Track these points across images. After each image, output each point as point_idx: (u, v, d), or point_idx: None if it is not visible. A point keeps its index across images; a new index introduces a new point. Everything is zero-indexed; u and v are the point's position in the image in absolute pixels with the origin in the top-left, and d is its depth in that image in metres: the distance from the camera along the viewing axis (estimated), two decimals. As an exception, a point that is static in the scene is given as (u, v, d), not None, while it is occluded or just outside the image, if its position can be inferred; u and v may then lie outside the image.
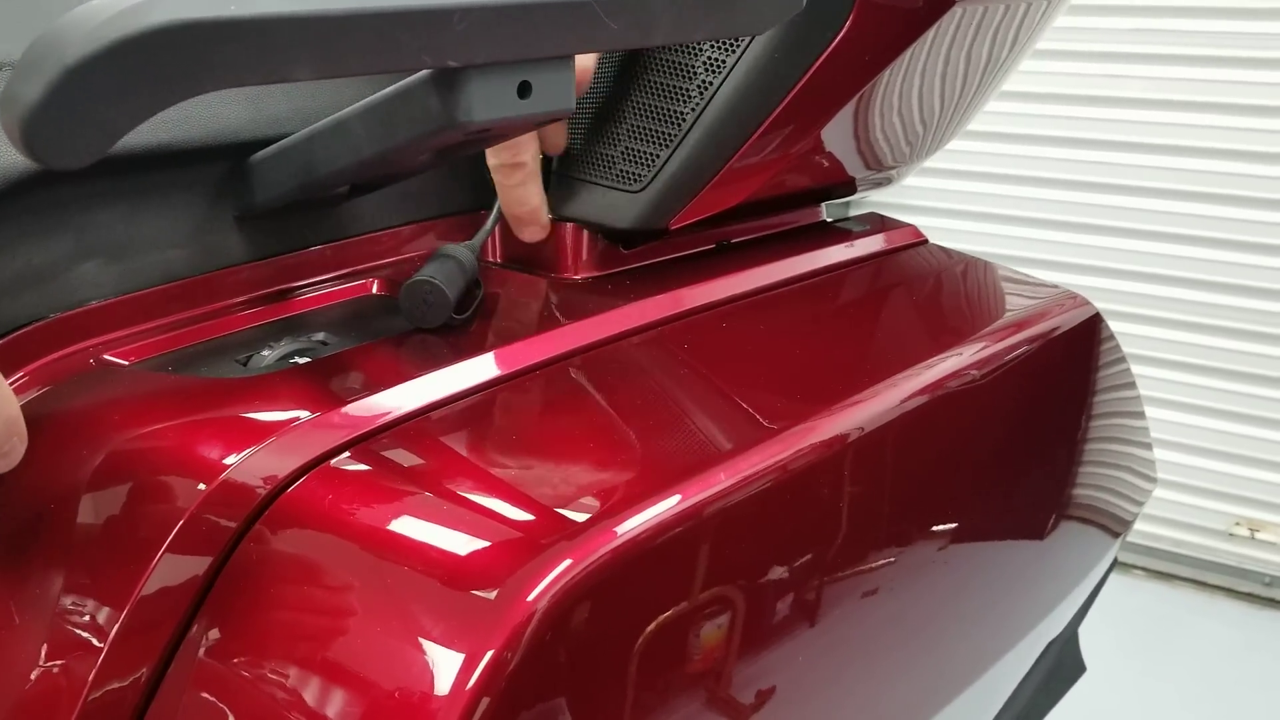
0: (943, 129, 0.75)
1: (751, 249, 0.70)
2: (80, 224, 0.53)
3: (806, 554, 0.49)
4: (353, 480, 0.43)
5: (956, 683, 0.61)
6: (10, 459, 0.44)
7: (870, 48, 0.59)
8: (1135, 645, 2.01)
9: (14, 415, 0.44)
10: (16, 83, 0.33)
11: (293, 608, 0.41)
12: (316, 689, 0.39)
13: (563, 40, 0.43)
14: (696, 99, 0.59)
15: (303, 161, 0.54)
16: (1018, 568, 0.66)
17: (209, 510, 0.42)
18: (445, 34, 0.40)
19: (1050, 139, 2.24)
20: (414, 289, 0.54)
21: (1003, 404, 0.63)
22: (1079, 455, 0.71)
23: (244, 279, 0.58)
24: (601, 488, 0.44)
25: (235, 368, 0.53)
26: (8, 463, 0.44)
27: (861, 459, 0.52)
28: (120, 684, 0.42)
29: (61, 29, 0.33)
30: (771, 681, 0.47)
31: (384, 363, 0.51)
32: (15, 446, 0.44)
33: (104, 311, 0.54)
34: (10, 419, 0.43)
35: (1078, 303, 0.70)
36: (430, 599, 0.38)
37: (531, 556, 0.39)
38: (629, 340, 0.56)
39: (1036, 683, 0.79)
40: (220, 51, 0.35)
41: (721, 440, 0.49)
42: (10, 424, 0.43)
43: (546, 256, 0.65)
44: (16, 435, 0.44)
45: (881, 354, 0.60)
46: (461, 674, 0.36)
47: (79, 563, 0.45)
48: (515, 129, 0.48)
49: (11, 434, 0.44)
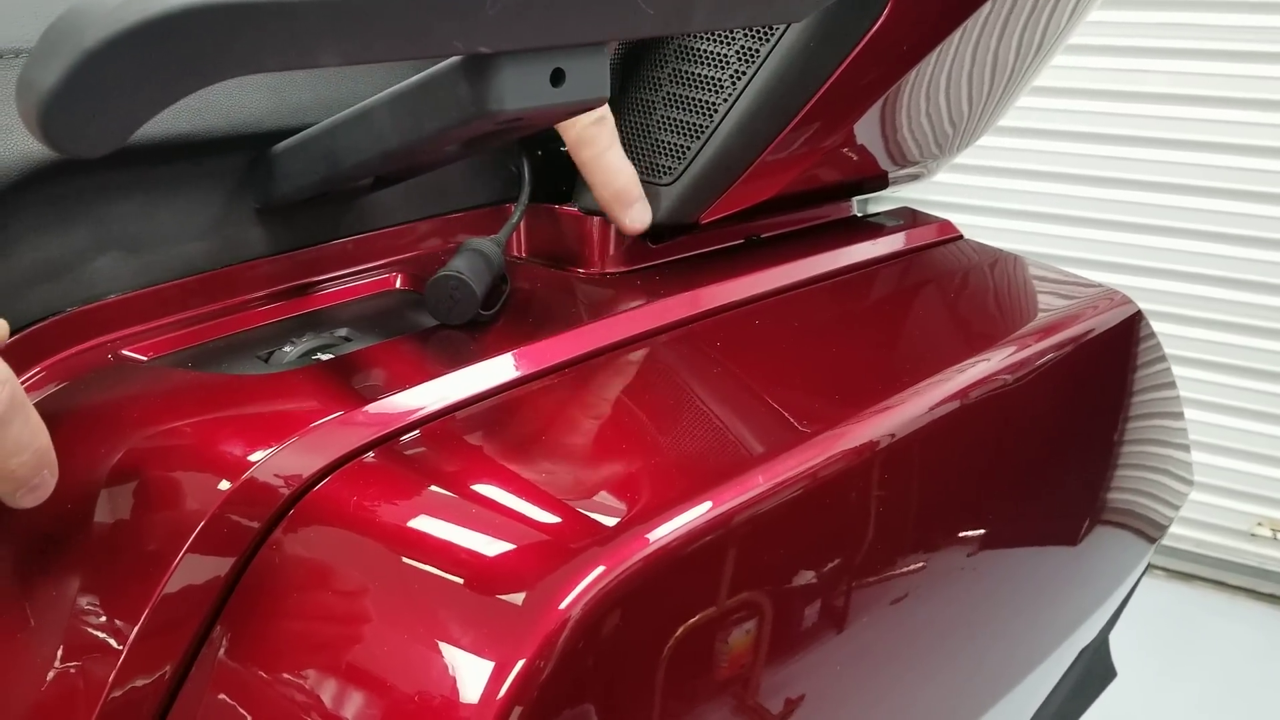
0: (979, 122, 0.73)
1: (782, 244, 0.68)
2: (98, 216, 0.52)
3: (841, 560, 0.48)
4: (378, 481, 0.42)
5: (995, 690, 0.60)
6: (40, 492, 0.42)
7: (908, 37, 0.58)
8: (1156, 646, 1.99)
9: (45, 446, 0.42)
10: (33, 68, 0.32)
11: (317, 611, 0.40)
12: (342, 695, 0.38)
13: (599, 26, 0.42)
14: (729, 89, 0.58)
15: (326, 152, 0.52)
16: (1056, 574, 0.65)
17: (232, 510, 0.41)
18: (477, 19, 0.38)
19: (1073, 134, 2.21)
20: (440, 284, 0.53)
21: (1044, 406, 0.62)
22: (1119, 458, 0.69)
23: (265, 273, 0.57)
24: (634, 491, 0.43)
25: (257, 364, 0.52)
26: (37, 496, 0.42)
27: (898, 464, 0.50)
28: (141, 684, 0.41)
29: (80, 11, 0.32)
30: (805, 691, 0.46)
31: (409, 360, 0.50)
32: (46, 480, 0.42)
33: (122, 305, 0.53)
34: (41, 450, 0.41)
35: (1118, 301, 0.69)
36: (459, 604, 0.37)
37: (563, 562, 0.38)
38: (659, 338, 0.55)
39: (1068, 689, 0.78)
40: (244, 35, 0.33)
41: (755, 443, 0.48)
42: (41, 455, 0.41)
43: (573, 251, 0.63)
44: (48, 468, 0.42)
45: (918, 354, 0.59)
46: (492, 682, 0.35)
47: (99, 562, 0.44)
48: (548, 118, 0.46)
49: (42, 466, 0.42)
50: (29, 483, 0.41)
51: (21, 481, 0.41)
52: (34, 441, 0.41)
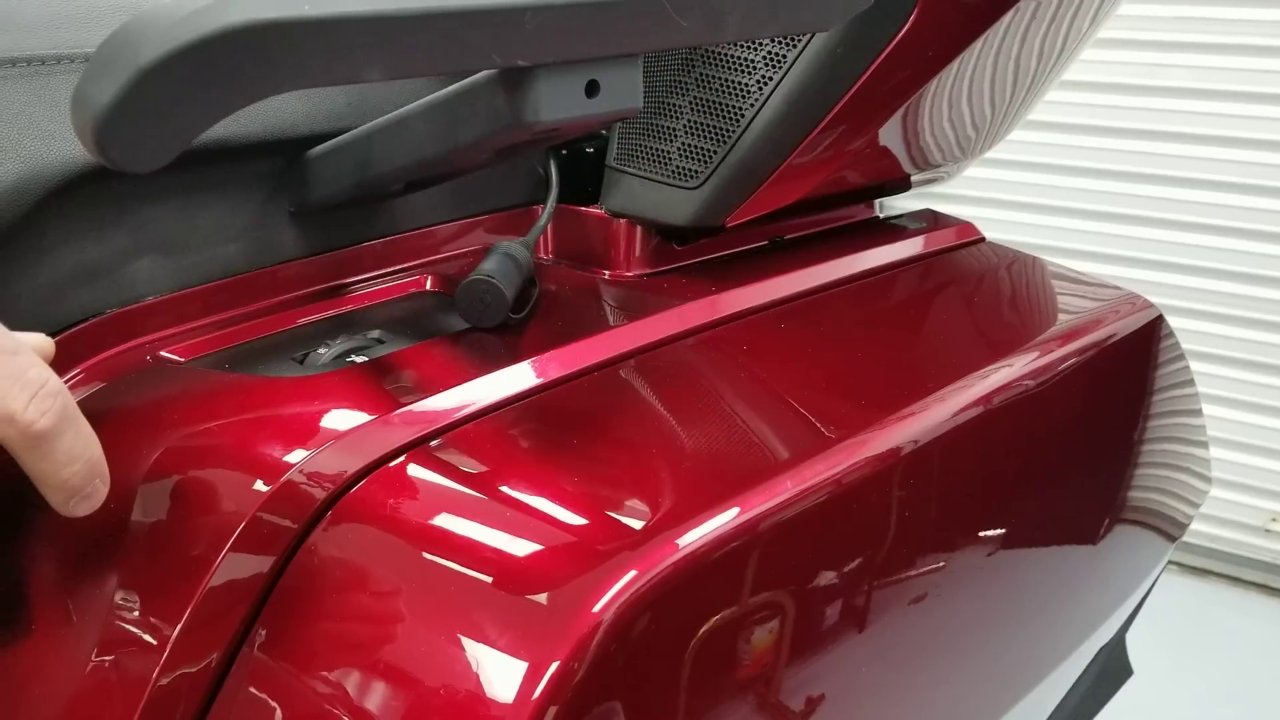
0: (1001, 125, 0.74)
1: (806, 247, 0.69)
2: (136, 219, 0.53)
3: (869, 563, 0.48)
4: (414, 483, 0.43)
5: (1018, 690, 0.61)
6: (93, 501, 0.43)
7: (935, 42, 0.58)
8: (1169, 641, 1.99)
9: (98, 457, 0.42)
10: (88, 84, 0.33)
11: (354, 611, 0.41)
12: (378, 694, 0.38)
13: (633, 38, 0.42)
14: (756, 94, 0.58)
15: (361, 158, 0.53)
16: (1079, 575, 0.65)
17: (270, 511, 0.42)
18: (516, 33, 0.39)
19: (1092, 128, 2.20)
20: (471, 288, 0.53)
21: (1068, 411, 0.62)
22: (1141, 460, 0.69)
23: (299, 274, 0.58)
24: (665, 495, 0.43)
25: (292, 366, 0.52)
26: (89, 505, 0.43)
27: (925, 468, 0.51)
28: (184, 680, 0.42)
29: (134, 29, 0.33)
30: (832, 693, 0.47)
31: (442, 363, 0.51)
32: (98, 489, 0.42)
33: (160, 307, 0.54)
34: (94, 461, 0.42)
35: (1140, 305, 0.69)
36: (493, 606, 0.38)
37: (596, 566, 0.38)
38: (687, 341, 0.56)
39: (1085, 687, 0.78)
40: (294, 53, 0.34)
41: (783, 448, 0.49)
42: (94, 466, 0.42)
43: (599, 253, 0.64)
44: (100, 477, 0.42)
45: (942, 360, 0.59)
46: (527, 683, 0.36)
47: (142, 561, 0.44)
48: (581, 128, 0.47)
49: (94, 475, 0.42)
50: (81, 491, 0.42)
51: (74, 491, 0.42)
52: (86, 452, 0.41)
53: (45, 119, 0.50)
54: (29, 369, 0.39)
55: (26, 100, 0.50)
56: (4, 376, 0.39)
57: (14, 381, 0.39)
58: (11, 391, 0.39)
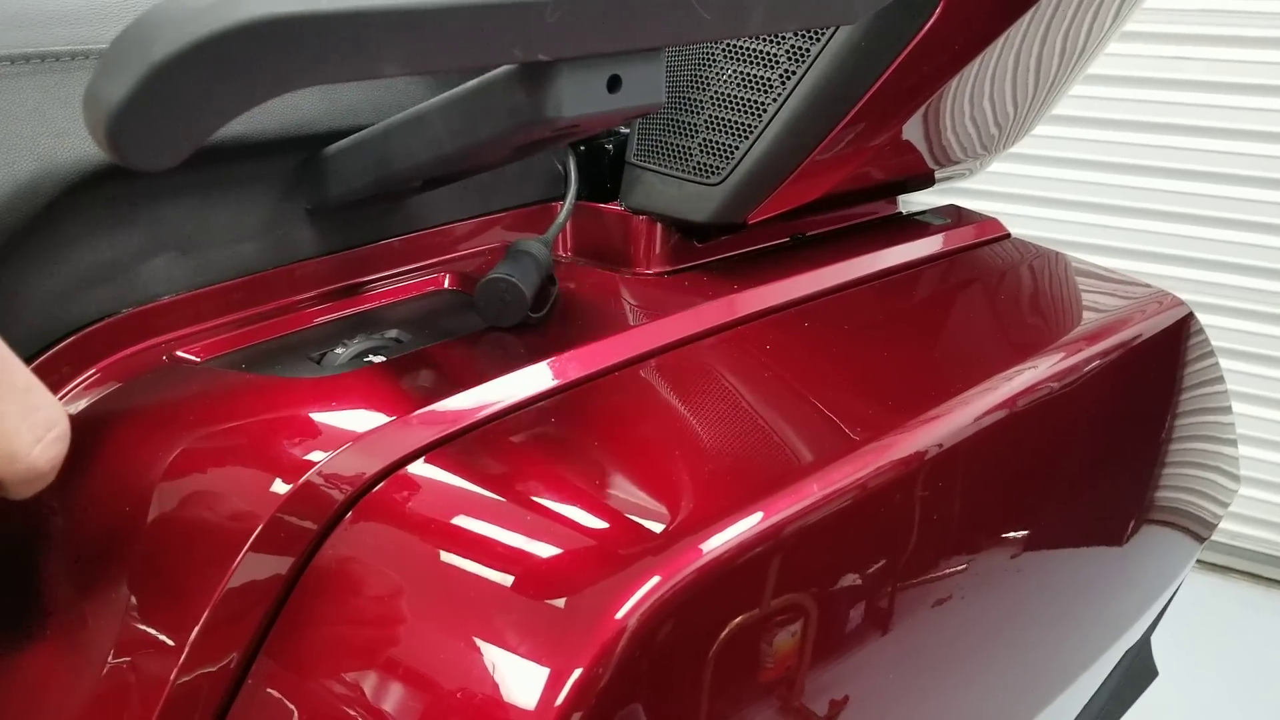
0: (1023, 122, 0.73)
1: (829, 244, 0.68)
2: (151, 217, 0.52)
3: (895, 566, 0.47)
4: (434, 485, 0.42)
5: (1047, 693, 0.60)
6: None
7: (959, 36, 0.57)
8: (1190, 639, 1.97)
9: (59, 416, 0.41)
10: (101, 80, 0.32)
11: (374, 613, 0.40)
12: (399, 697, 0.38)
13: (656, 32, 0.41)
14: (778, 89, 0.57)
15: (379, 156, 0.52)
16: (1107, 576, 0.64)
17: (289, 512, 0.41)
18: (537, 26, 0.38)
19: (1112, 122, 2.19)
20: (490, 287, 0.53)
21: (1097, 411, 0.61)
22: (1170, 460, 0.68)
23: (315, 273, 0.57)
24: (688, 499, 0.43)
25: (309, 366, 0.52)
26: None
27: (951, 471, 0.50)
28: (204, 680, 0.41)
29: (147, 24, 0.32)
30: (858, 697, 0.46)
31: (462, 363, 0.50)
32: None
33: (176, 307, 0.53)
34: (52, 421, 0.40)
35: (1169, 304, 0.68)
36: (515, 610, 0.37)
37: (619, 570, 0.38)
38: (709, 340, 0.55)
39: (1111, 690, 0.77)
40: (311, 47, 0.34)
41: (808, 451, 0.48)
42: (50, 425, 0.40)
43: (619, 250, 0.63)
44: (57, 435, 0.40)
45: (968, 360, 0.58)
46: (550, 689, 0.35)
47: (159, 562, 0.44)
48: (603, 124, 0.46)
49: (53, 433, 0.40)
50: None
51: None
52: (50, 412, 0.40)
53: (58, 116, 0.49)
54: (39, 409, 0.39)
55: (40, 97, 0.50)
56: (13, 416, 0.39)
57: (22, 421, 0.39)
58: (19, 431, 0.39)
